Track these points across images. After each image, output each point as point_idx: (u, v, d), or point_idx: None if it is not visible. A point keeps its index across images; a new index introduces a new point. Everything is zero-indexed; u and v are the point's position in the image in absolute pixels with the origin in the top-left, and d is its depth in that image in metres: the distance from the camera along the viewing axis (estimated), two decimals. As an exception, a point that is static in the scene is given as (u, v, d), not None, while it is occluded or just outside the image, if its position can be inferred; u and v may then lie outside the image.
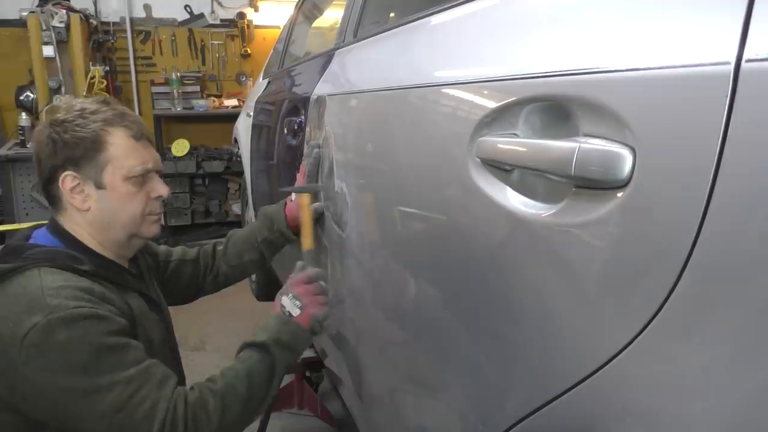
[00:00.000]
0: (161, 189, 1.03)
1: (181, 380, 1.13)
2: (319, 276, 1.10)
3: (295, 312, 1.02)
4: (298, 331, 1.01)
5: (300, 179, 1.33)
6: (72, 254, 0.95)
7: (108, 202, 0.98)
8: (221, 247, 1.34)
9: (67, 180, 0.96)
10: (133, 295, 1.01)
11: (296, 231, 1.31)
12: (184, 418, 0.87)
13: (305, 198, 1.25)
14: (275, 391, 0.98)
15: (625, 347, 0.47)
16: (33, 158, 1.00)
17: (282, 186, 1.74)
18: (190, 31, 4.52)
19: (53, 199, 1.00)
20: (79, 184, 0.97)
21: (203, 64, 4.57)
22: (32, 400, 0.85)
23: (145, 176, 1.00)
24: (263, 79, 2.74)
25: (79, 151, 0.95)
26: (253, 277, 2.98)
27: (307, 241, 1.23)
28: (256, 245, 1.33)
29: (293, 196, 1.32)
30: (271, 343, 0.98)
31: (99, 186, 0.97)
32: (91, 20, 4.12)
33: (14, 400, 0.87)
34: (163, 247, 1.31)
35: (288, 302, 1.04)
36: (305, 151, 1.35)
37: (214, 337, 2.82)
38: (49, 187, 0.99)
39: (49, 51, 3.73)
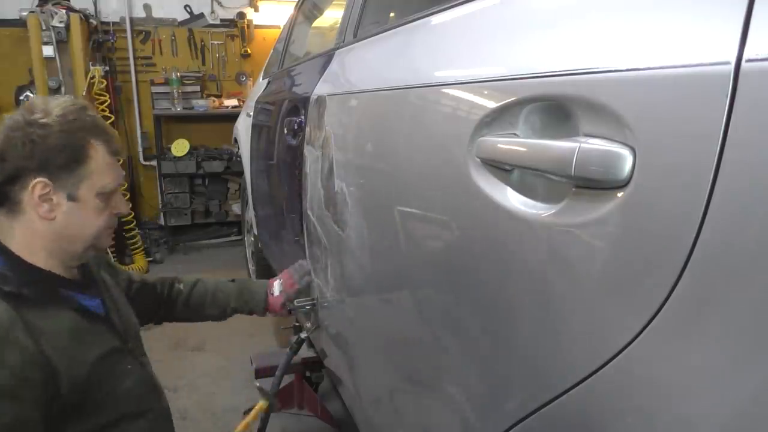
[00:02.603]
0: (123, 207, 1.04)
1: (147, 380, 1.12)
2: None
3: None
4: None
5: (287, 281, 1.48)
6: (5, 275, 0.91)
7: (76, 215, 0.96)
8: (181, 287, 1.39)
9: (38, 187, 0.92)
10: (66, 314, 0.96)
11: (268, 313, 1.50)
12: None
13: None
14: None
15: (625, 347, 0.47)
16: None
17: (281, 186, 1.74)
18: (190, 31, 4.51)
19: (9, 198, 0.94)
20: (49, 192, 0.93)
21: (203, 64, 4.57)
22: None
23: (113, 192, 1.00)
24: (263, 79, 2.74)
25: (61, 160, 0.92)
26: (253, 277, 2.98)
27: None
28: (224, 308, 1.44)
29: (276, 288, 1.47)
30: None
31: (71, 198, 0.95)
32: (91, 20, 4.11)
33: None
34: (124, 272, 1.34)
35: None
36: (297, 271, 1.50)
37: (214, 337, 2.82)
38: (7, 187, 0.93)
39: (49, 51, 3.73)
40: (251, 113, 2.44)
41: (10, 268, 0.94)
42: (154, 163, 4.45)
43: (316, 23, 2.50)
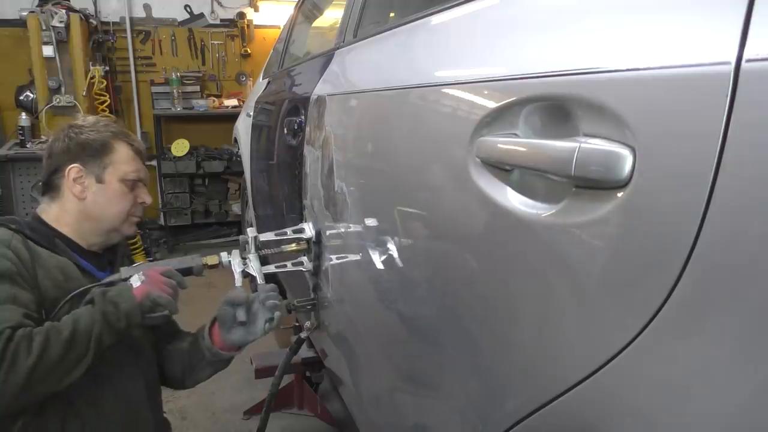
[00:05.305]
0: (146, 197, 1.25)
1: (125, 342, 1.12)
2: (176, 277, 1.15)
3: (136, 284, 1.09)
4: (126, 291, 1.06)
5: None
6: (17, 220, 1.12)
7: (103, 196, 1.18)
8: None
9: (72, 171, 1.16)
10: (62, 258, 1.12)
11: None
12: (4, 348, 0.92)
13: None
14: (98, 341, 1.00)
15: (625, 347, 0.47)
16: (45, 152, 1.22)
17: (282, 186, 1.74)
18: (190, 31, 4.52)
19: (52, 187, 1.19)
20: (82, 176, 1.17)
21: (203, 64, 4.57)
22: None
23: (135, 183, 1.22)
24: (263, 79, 2.74)
25: (89, 151, 1.18)
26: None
27: None
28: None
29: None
30: (98, 296, 1.04)
31: (99, 181, 1.18)
32: (91, 20, 4.12)
33: None
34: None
35: (135, 277, 1.10)
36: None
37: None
38: (53, 177, 1.19)
39: (48, 51, 3.73)
40: (251, 113, 2.44)
41: (30, 222, 1.15)
42: (154, 163, 4.45)
43: (316, 23, 2.50)
